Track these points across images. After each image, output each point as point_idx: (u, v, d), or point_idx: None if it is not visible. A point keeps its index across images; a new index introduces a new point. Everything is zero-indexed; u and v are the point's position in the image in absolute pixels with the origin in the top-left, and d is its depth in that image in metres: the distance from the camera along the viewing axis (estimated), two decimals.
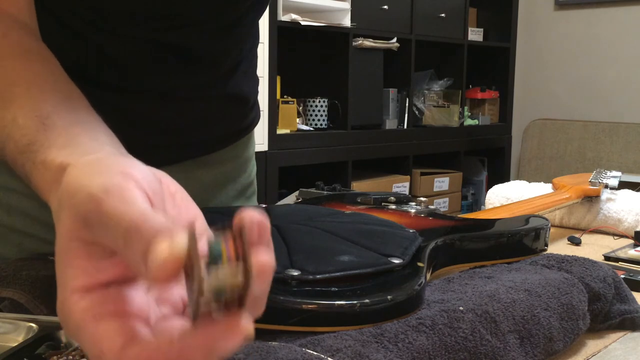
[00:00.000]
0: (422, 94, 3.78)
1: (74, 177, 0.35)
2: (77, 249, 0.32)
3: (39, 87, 0.50)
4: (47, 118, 0.46)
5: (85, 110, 0.50)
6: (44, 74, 0.52)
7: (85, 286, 0.32)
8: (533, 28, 4.24)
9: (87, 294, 0.32)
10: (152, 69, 0.71)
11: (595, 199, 1.04)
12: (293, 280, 0.48)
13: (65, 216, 0.33)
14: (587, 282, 0.60)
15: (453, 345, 0.47)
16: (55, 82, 0.52)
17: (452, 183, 3.71)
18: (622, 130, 3.85)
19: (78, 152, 0.41)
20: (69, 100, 0.50)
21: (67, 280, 0.32)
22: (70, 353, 0.43)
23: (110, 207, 0.31)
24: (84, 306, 0.31)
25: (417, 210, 0.75)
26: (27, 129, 0.45)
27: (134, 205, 0.31)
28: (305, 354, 0.41)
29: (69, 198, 0.34)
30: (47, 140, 0.43)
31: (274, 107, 2.86)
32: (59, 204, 0.35)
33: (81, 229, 0.32)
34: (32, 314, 0.52)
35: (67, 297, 0.32)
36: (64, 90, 0.51)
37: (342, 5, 3.06)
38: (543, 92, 4.24)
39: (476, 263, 0.65)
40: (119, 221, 0.30)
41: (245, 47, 0.80)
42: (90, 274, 0.32)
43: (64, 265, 0.33)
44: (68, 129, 0.45)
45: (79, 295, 0.31)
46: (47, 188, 0.40)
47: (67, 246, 0.33)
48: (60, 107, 0.48)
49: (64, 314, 0.32)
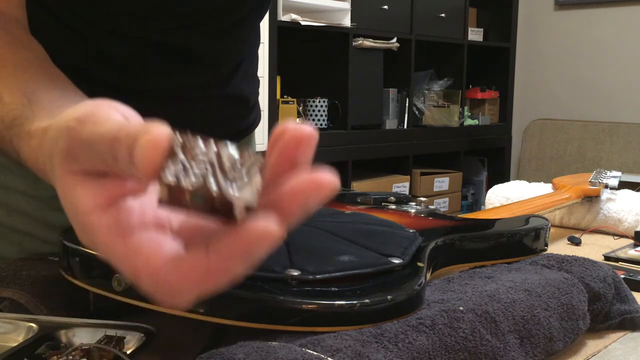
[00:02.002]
0: (422, 94, 3.78)
1: (54, 127, 0.35)
2: (75, 180, 0.32)
3: (25, 68, 0.51)
4: (32, 94, 0.46)
5: (71, 88, 0.50)
6: (31, 59, 0.53)
7: (99, 204, 0.31)
8: (533, 28, 4.24)
9: (105, 212, 0.31)
10: (152, 69, 0.71)
11: (595, 199, 1.04)
12: (293, 280, 0.48)
13: (55, 160, 0.33)
14: (587, 282, 0.60)
15: (453, 345, 0.47)
16: (41, 65, 0.53)
17: (452, 183, 3.71)
18: (622, 130, 3.85)
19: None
20: (54, 79, 0.51)
21: (79, 205, 0.31)
22: (71, 353, 0.43)
23: (87, 133, 0.31)
24: (107, 223, 0.31)
25: (417, 210, 0.75)
26: (13, 104, 0.46)
27: (109, 123, 0.31)
28: (305, 354, 0.41)
29: (54, 144, 0.34)
30: (33, 113, 0.44)
31: (274, 107, 2.86)
32: (49, 156, 0.35)
33: (71, 163, 0.32)
34: (32, 314, 0.52)
35: (87, 219, 0.31)
36: (49, 72, 0.52)
37: (342, 5, 3.06)
38: (543, 92, 4.24)
39: (476, 263, 0.65)
40: (101, 142, 0.30)
41: (246, 48, 0.80)
42: (99, 192, 0.31)
43: (70, 196, 0.32)
44: (53, 102, 0.45)
45: (97, 215, 0.31)
46: (34, 155, 0.40)
47: (66, 181, 0.32)
48: (45, 84, 0.49)
49: (89, 236, 0.31)
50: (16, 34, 0.56)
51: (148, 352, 0.45)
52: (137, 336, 0.46)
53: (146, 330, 0.47)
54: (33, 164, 0.41)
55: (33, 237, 0.74)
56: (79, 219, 0.32)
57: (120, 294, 0.47)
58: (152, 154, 0.27)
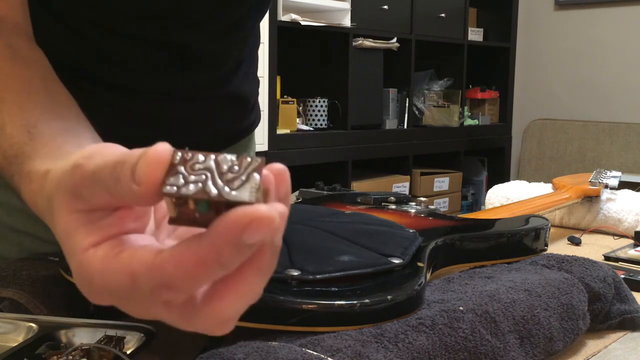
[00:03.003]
0: (422, 94, 3.78)
1: (55, 171, 0.36)
2: (77, 219, 0.32)
3: (28, 93, 0.51)
4: (33, 127, 0.46)
5: (73, 116, 0.50)
6: (34, 79, 0.53)
7: (96, 241, 0.32)
8: (533, 28, 4.24)
9: (100, 246, 0.32)
10: (152, 69, 0.71)
11: (595, 199, 1.04)
12: (293, 280, 0.48)
13: (57, 201, 0.34)
14: (587, 282, 0.60)
15: (453, 345, 0.47)
16: (44, 86, 0.53)
17: (452, 183, 3.71)
18: (622, 130, 3.85)
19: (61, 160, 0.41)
20: (58, 104, 0.51)
21: (77, 245, 0.32)
22: (71, 353, 0.43)
23: (94, 164, 0.31)
24: (102, 254, 0.31)
25: (417, 210, 0.75)
26: (14, 138, 0.46)
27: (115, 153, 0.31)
28: (305, 354, 0.41)
29: (56, 186, 0.34)
30: (33, 150, 0.44)
31: (274, 107, 2.86)
32: (49, 199, 0.35)
33: (75, 202, 0.32)
34: (32, 314, 0.52)
35: (82, 256, 0.32)
36: (52, 94, 0.52)
37: (342, 5, 3.06)
38: (543, 92, 4.24)
39: (476, 263, 0.65)
40: (105, 168, 0.31)
41: (246, 48, 0.80)
42: (97, 232, 0.32)
43: (69, 237, 0.33)
44: (54, 137, 0.45)
45: (93, 250, 0.31)
46: (33, 198, 0.41)
47: (67, 222, 0.33)
48: (47, 113, 0.48)
49: (84, 273, 0.32)
50: (18, 46, 0.56)
51: (148, 352, 0.45)
52: (137, 336, 0.46)
53: (146, 330, 0.47)
54: (32, 206, 0.42)
55: (33, 237, 0.74)
56: (77, 257, 0.32)
57: None
58: (153, 168, 0.28)
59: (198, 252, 0.28)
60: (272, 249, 0.30)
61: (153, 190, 0.28)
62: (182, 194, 0.28)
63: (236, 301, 0.30)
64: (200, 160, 0.28)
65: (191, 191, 0.28)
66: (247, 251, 0.28)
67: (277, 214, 0.28)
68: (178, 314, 0.31)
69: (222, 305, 0.30)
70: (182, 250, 0.29)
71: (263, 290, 0.31)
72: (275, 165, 0.30)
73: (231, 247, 0.28)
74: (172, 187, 0.28)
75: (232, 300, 0.30)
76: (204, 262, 0.28)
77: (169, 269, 0.29)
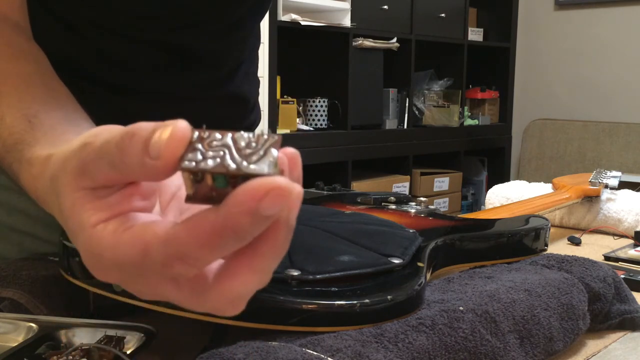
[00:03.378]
0: (422, 94, 3.78)
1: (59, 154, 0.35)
2: (84, 196, 0.32)
3: (27, 85, 0.51)
4: (34, 117, 0.46)
5: (72, 108, 0.50)
6: (33, 74, 0.53)
7: (105, 217, 0.31)
8: (533, 28, 4.24)
9: (110, 222, 0.31)
10: (152, 69, 0.71)
11: (595, 199, 1.04)
12: (293, 280, 0.48)
13: (63, 180, 0.33)
14: (587, 282, 0.60)
15: (453, 345, 0.47)
16: (43, 81, 0.53)
17: (452, 183, 3.71)
18: (622, 130, 3.85)
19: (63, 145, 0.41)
20: (57, 98, 0.51)
21: (85, 221, 0.32)
22: (71, 353, 0.43)
23: (102, 138, 0.31)
24: (112, 228, 0.31)
25: (417, 210, 0.75)
26: (14, 127, 0.46)
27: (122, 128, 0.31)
28: (305, 354, 0.41)
29: (62, 166, 0.34)
30: (34, 138, 0.44)
31: (274, 107, 2.86)
32: (52, 180, 0.35)
33: (81, 179, 0.32)
34: (32, 314, 0.52)
35: (92, 231, 0.31)
36: (51, 88, 0.52)
37: (342, 5, 3.06)
38: (543, 92, 4.24)
39: (476, 263, 0.65)
40: (111, 140, 0.30)
41: (247, 48, 0.80)
42: (106, 209, 0.31)
43: (77, 214, 0.32)
44: (54, 127, 0.45)
45: (102, 224, 0.31)
46: (32, 182, 0.41)
47: (74, 199, 0.32)
48: (47, 105, 0.48)
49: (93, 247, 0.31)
50: (17, 44, 0.56)
51: (148, 352, 0.45)
52: (137, 336, 0.46)
53: (146, 330, 0.47)
54: (32, 190, 0.41)
55: (33, 237, 0.74)
56: (86, 233, 0.31)
57: (120, 294, 0.47)
58: (175, 143, 0.28)
59: (214, 222, 0.28)
60: (287, 227, 0.29)
61: (171, 165, 0.28)
62: (201, 168, 0.28)
63: (249, 278, 0.30)
64: (217, 138, 0.29)
65: (210, 166, 0.28)
66: (263, 223, 0.28)
67: (295, 189, 0.28)
68: (188, 291, 0.31)
69: (235, 283, 0.30)
70: (198, 220, 0.28)
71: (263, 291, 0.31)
72: (288, 149, 0.30)
73: (248, 216, 0.27)
74: (191, 162, 0.28)
75: (245, 277, 0.30)
76: (219, 232, 0.28)
77: (182, 238, 0.28)
